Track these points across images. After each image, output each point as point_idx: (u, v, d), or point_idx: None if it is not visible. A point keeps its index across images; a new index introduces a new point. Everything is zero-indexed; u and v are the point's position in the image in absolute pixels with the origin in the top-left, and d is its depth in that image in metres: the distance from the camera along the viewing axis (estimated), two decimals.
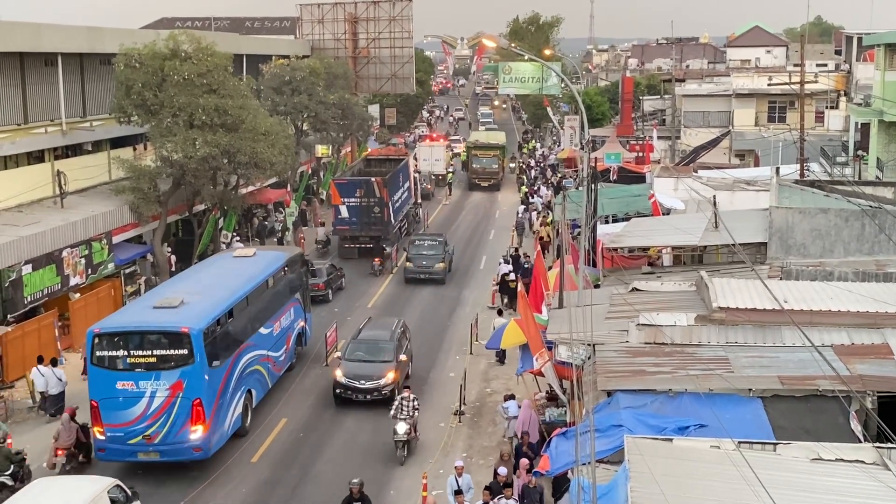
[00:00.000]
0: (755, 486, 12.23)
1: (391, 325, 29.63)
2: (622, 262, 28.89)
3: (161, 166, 37.55)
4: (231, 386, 24.18)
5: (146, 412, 22.15)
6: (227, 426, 23.90)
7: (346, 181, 48.02)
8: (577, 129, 63.74)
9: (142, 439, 22.17)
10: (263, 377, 27.04)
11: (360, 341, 28.48)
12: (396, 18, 68.89)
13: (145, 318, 23.22)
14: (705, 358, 18.29)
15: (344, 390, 27.06)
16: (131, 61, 36.01)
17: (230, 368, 24.23)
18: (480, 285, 41.34)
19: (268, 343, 27.47)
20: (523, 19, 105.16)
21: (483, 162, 70.66)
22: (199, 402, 22.28)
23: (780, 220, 24.99)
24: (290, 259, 30.76)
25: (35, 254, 30.11)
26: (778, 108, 57.31)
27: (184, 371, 22.19)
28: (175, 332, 22.31)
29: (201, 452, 22.63)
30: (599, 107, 79.61)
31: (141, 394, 22.14)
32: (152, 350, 22.36)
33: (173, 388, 22.14)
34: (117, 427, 22.16)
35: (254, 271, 28.02)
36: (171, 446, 22.31)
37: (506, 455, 19.98)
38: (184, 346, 22.22)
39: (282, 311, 29.15)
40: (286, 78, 53.32)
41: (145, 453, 22.42)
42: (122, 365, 22.34)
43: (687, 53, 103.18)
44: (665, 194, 34.93)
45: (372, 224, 45.97)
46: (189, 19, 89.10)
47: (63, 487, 18.80)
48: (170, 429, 22.17)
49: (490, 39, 33.22)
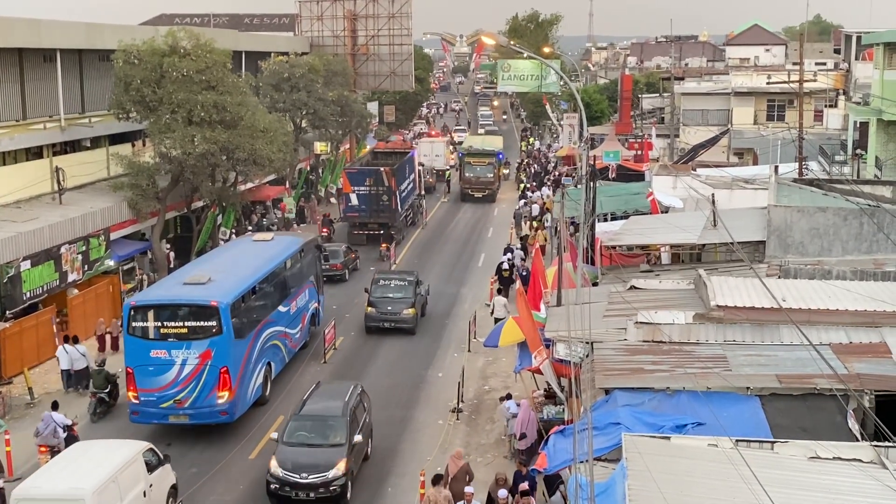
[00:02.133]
0: (753, 485, 12.24)
1: (344, 394, 23.22)
2: (620, 260, 28.91)
3: (160, 163, 37.57)
4: (254, 357, 26.25)
5: (177, 378, 24.15)
6: (249, 394, 25.98)
7: (357, 170, 50.54)
8: (576, 126, 63.82)
9: (173, 403, 24.17)
10: (281, 352, 29.05)
11: (304, 418, 22.27)
12: (396, 15, 68.87)
13: (177, 292, 25.26)
14: (703, 356, 18.29)
15: (280, 486, 20.89)
16: (130, 58, 35.99)
17: (253, 341, 26.29)
18: (479, 283, 41.34)
19: (285, 320, 29.46)
20: (523, 17, 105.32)
21: (476, 170, 64.60)
22: (225, 370, 24.30)
23: (778, 219, 24.99)
24: (305, 244, 32.95)
25: (33, 250, 30.11)
26: (777, 106, 57.31)
27: (212, 341, 24.19)
28: (205, 305, 24.36)
29: (227, 416, 24.64)
30: (598, 105, 79.59)
31: (172, 361, 24.14)
32: (184, 322, 24.38)
33: (202, 357, 24.16)
34: (150, 392, 24.18)
35: (273, 254, 30.04)
36: (200, 410, 24.32)
37: (501, 479, 19.82)
38: (213, 318, 24.21)
39: (298, 292, 31.08)
40: (285, 75, 53.31)
41: (176, 416, 24.42)
42: (156, 335, 24.30)
43: (686, 51, 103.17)
44: (664, 192, 34.92)
45: (380, 211, 48.39)
46: (188, 16, 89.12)
47: (102, 449, 20.00)
48: (199, 394, 24.22)
49: (489, 37, 33.22)
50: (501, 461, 23.14)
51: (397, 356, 31.88)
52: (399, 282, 34.97)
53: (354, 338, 33.70)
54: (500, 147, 70.68)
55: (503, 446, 24.06)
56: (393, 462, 23.68)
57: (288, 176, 53.24)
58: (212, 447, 24.09)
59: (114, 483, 18.48)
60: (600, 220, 34.34)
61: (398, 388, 28.69)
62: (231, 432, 25.09)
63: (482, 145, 68.83)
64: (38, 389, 28.10)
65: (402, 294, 34.35)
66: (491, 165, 64.65)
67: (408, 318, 33.62)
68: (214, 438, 24.72)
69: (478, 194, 64.08)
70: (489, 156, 65.03)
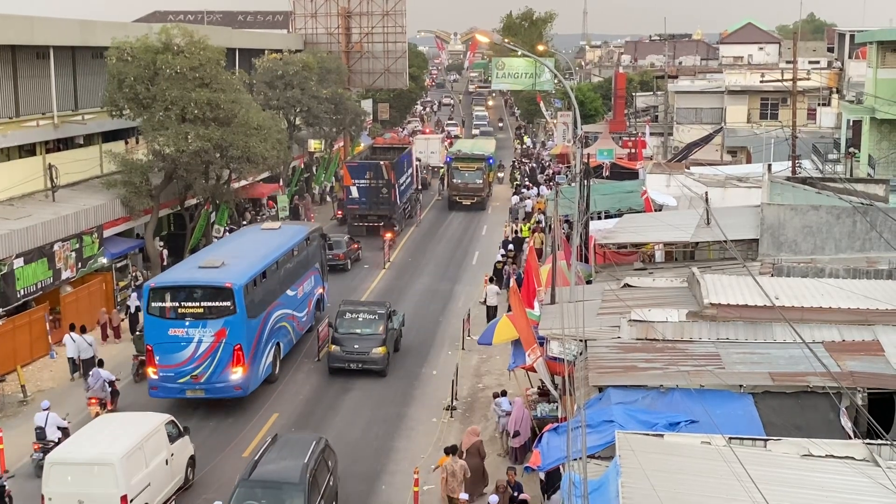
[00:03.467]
0: (745, 482, 12.26)
1: (304, 452, 19.66)
2: (614, 258, 28.92)
3: (153, 160, 37.48)
4: (264, 337, 27.73)
5: (194, 355, 25.66)
6: (261, 370, 27.42)
7: (357, 164, 52.30)
8: (570, 125, 63.80)
9: (190, 378, 25.69)
10: (289, 333, 30.52)
11: (254, 484, 18.70)
12: (390, 13, 68.78)
13: (194, 275, 26.79)
14: (696, 354, 18.32)
15: None
16: (123, 55, 35.91)
17: (264, 321, 27.75)
18: (473, 281, 41.36)
19: (293, 304, 30.94)
20: (517, 15, 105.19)
21: (465, 176, 60.44)
22: (239, 348, 25.82)
23: (771, 217, 25.03)
24: (310, 233, 34.27)
25: (26, 247, 30.04)
26: (770, 104, 57.40)
27: (227, 320, 25.69)
28: (220, 286, 25.84)
29: (241, 391, 26.17)
30: (592, 103, 79.63)
31: (190, 339, 25.66)
32: (200, 302, 25.82)
33: (217, 335, 25.66)
34: (169, 368, 25.71)
35: (281, 241, 31.54)
36: (215, 385, 25.82)
37: (501, 486, 19.79)
38: (227, 298, 25.73)
39: (304, 278, 32.50)
40: (279, 72, 53.25)
41: (192, 391, 25.90)
42: (174, 314, 25.78)
43: (680, 50, 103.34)
44: (657, 191, 34.97)
45: (380, 203, 50.38)
46: (181, 13, 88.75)
47: (126, 421, 21.37)
48: (214, 370, 25.73)
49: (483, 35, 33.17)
50: (496, 459, 23.14)
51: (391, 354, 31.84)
52: (368, 315, 30.35)
53: None
54: (492, 151, 66.84)
55: (497, 444, 24.06)
56: (387, 459, 23.68)
57: (282, 174, 53.18)
58: (204, 446, 24.03)
59: (140, 450, 19.89)
60: (594, 218, 34.38)
61: (392, 386, 28.70)
62: (223, 431, 25.09)
63: (472, 149, 64.78)
64: (31, 387, 28.05)
65: (372, 329, 29.78)
66: (480, 171, 60.77)
67: (377, 358, 29.12)
68: (207, 437, 24.70)
69: (466, 202, 60.46)
70: (479, 160, 61.03)
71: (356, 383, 28.88)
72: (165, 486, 20.83)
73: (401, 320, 32.13)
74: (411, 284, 41.11)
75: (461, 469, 20.46)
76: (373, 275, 42.75)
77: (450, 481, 20.43)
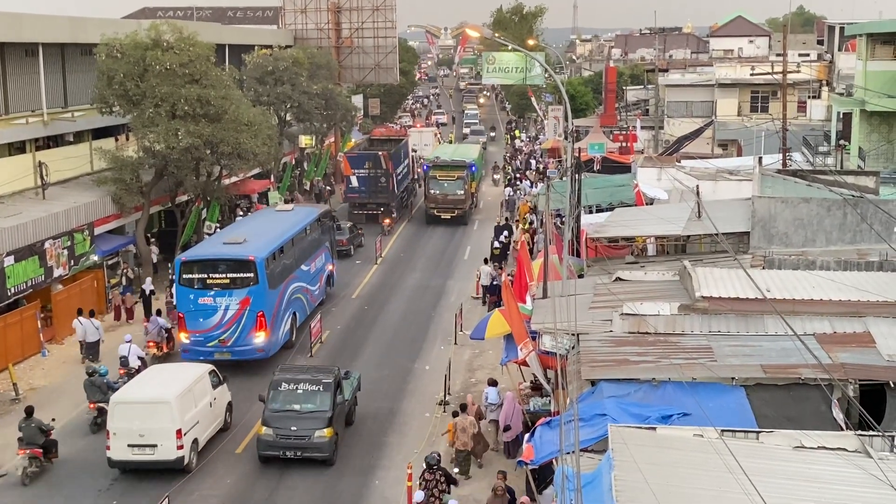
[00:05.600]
0: (738, 474, 12.30)
1: None
2: (606, 252, 28.96)
3: (143, 157, 37.34)
4: (283, 305, 30.40)
5: (221, 321, 28.35)
6: (280, 336, 30.10)
7: (357, 154, 54.64)
8: (561, 119, 63.78)
9: (217, 342, 28.36)
10: (303, 304, 33.05)
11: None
12: (380, 8, 68.61)
13: (220, 249, 29.69)
14: (688, 347, 18.36)
15: None
16: (113, 51, 35.77)
17: (282, 292, 30.39)
18: (465, 275, 41.34)
19: (307, 278, 33.50)
20: (507, 9, 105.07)
21: (444, 186, 53.07)
22: (262, 314, 28.48)
23: (762, 210, 25.09)
24: (321, 214, 37.53)
25: (17, 245, 29.93)
26: (760, 97, 57.50)
27: (250, 290, 28.42)
28: (244, 259, 28.71)
29: (263, 353, 28.81)
30: (583, 97, 79.76)
31: (217, 307, 28.38)
32: (226, 273, 28.63)
33: (242, 303, 28.31)
34: (198, 333, 28.39)
35: (294, 220, 34.39)
36: (240, 348, 28.50)
37: (500, 490, 19.72)
38: (250, 270, 28.49)
39: (316, 255, 35.17)
40: (269, 68, 53.10)
41: (220, 353, 28.29)
42: (202, 285, 28.55)
43: (670, 43, 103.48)
44: (648, 184, 35.03)
45: (379, 192, 52.26)
46: (171, 9, 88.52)
47: (176, 370, 24.84)
48: (239, 334, 28.41)
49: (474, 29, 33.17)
50: (490, 454, 23.15)
51: (384, 349, 31.87)
52: (310, 385, 23.56)
53: (340, 332, 33.67)
54: (475, 157, 59.04)
55: (489, 437, 24.04)
56: (380, 454, 23.67)
57: (273, 170, 53.09)
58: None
59: (190, 393, 22.67)
60: (586, 212, 34.41)
61: (385, 381, 28.68)
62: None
63: (452, 155, 57.49)
64: (22, 385, 27.95)
65: (315, 405, 23.18)
66: (461, 180, 53.06)
67: (321, 443, 22.65)
68: None
69: (445, 215, 53.02)
70: (459, 168, 53.40)
71: None
72: (210, 425, 23.69)
73: (354, 385, 25.60)
74: (403, 280, 41.07)
75: (471, 424, 22.13)
76: (365, 269, 42.71)
77: (461, 436, 22.03)
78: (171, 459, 21.77)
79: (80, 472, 22.64)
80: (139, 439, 21.66)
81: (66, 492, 21.78)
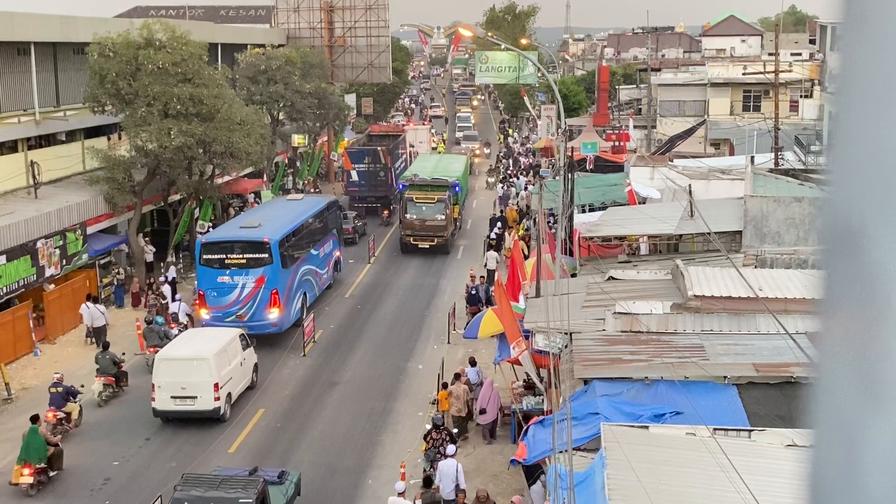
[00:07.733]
0: (730, 473, 12.33)
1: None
2: (599, 251, 29.01)
3: (136, 156, 37.26)
4: (295, 285, 32.87)
5: (238, 298, 30.68)
6: (292, 313, 32.47)
7: (357, 150, 56.96)
8: (554, 118, 63.82)
9: (235, 318, 30.27)
10: (313, 286, 35.63)
11: None
12: (372, 7, 68.54)
13: (237, 233, 32.33)
14: (681, 346, 18.41)
15: None
16: (105, 50, 35.68)
17: (294, 273, 32.97)
18: (457, 275, 41.35)
19: (316, 262, 36.05)
20: (500, 9, 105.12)
21: (422, 210, 44.70)
22: (276, 292, 30.78)
23: (754, 209, 25.15)
24: (329, 203, 40.09)
25: (9, 245, 29.85)
26: (753, 97, 57.62)
27: (265, 269, 30.70)
28: (260, 241, 31.01)
29: (277, 328, 31.21)
30: (576, 96, 79.68)
31: (235, 285, 30.72)
32: (243, 254, 30.96)
33: (258, 282, 30.61)
34: (218, 309, 30.60)
35: (304, 208, 36.94)
36: (256, 323, 30.58)
37: (483, 496, 19.70)
38: (266, 251, 30.83)
39: (324, 241, 37.68)
40: (262, 67, 53.02)
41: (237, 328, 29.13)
42: (221, 265, 30.82)
43: (663, 43, 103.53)
44: (641, 183, 35.06)
45: (378, 186, 54.15)
46: (163, 8, 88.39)
47: (211, 332, 27.32)
48: (255, 310, 30.70)
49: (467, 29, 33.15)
50: (482, 450, 23.19)
51: (377, 348, 31.89)
52: (231, 493, 17.38)
53: (334, 331, 33.68)
54: (459, 174, 49.97)
55: (480, 435, 24.10)
56: (373, 454, 23.69)
57: (265, 169, 53.05)
58: (190, 441, 24.03)
59: (224, 352, 25.39)
60: (578, 211, 34.45)
61: (378, 380, 28.70)
62: (210, 427, 25.00)
63: (432, 173, 48.16)
64: (15, 385, 27.89)
65: None
66: (442, 203, 44.68)
67: None
68: (194, 433, 24.64)
69: (423, 244, 44.52)
70: (440, 189, 45.20)
71: (342, 377, 28.90)
72: (240, 382, 26.43)
73: (291, 492, 19.43)
74: (398, 279, 41.07)
75: (464, 392, 23.97)
76: (358, 269, 42.70)
77: (455, 402, 23.77)
78: (209, 409, 24.50)
79: None
80: (181, 391, 24.28)
81: None
